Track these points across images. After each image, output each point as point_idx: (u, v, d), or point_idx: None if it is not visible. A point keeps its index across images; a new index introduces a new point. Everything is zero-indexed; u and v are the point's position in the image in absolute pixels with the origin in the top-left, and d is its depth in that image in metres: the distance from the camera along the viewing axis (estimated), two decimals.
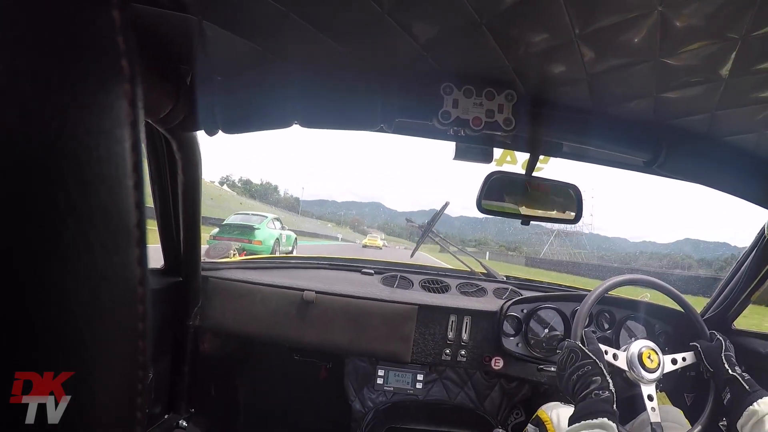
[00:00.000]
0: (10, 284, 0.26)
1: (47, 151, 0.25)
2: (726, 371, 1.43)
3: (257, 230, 13.74)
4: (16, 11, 0.24)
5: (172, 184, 1.50)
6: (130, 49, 0.27)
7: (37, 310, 0.26)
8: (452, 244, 2.97)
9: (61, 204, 0.26)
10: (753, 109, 1.09)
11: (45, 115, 0.25)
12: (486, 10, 0.87)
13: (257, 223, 14.25)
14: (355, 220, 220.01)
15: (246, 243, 13.04)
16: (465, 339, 2.02)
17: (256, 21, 0.98)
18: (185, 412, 1.84)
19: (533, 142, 1.36)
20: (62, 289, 0.27)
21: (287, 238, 16.36)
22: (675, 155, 1.28)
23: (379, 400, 2.45)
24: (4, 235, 0.25)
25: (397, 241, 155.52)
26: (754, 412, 1.32)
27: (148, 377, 0.67)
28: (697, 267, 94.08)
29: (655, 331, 2.04)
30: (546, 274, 31.26)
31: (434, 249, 9.74)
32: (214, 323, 1.90)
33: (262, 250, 13.26)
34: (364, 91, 1.20)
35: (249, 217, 15.27)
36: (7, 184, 0.25)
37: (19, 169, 0.25)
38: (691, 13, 0.80)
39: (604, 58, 0.99)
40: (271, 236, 14.31)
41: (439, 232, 2.89)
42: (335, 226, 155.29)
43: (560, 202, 1.50)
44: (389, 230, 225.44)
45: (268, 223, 14.74)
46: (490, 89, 1.16)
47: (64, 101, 0.26)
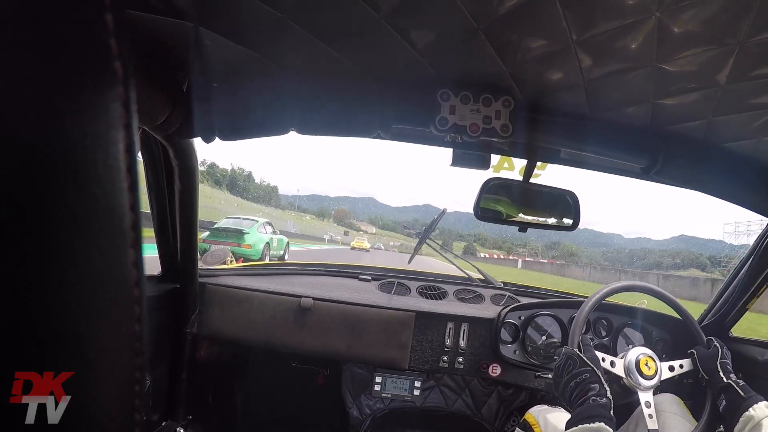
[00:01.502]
0: (9, 285, 0.25)
1: (41, 154, 0.25)
2: (721, 379, 1.43)
3: (246, 234, 13.90)
4: (9, 14, 0.24)
5: (169, 191, 1.50)
6: (123, 52, 0.27)
7: (35, 310, 0.26)
8: (449, 251, 2.96)
9: (57, 206, 0.26)
10: (751, 115, 1.09)
11: (39, 118, 0.25)
12: (483, 16, 0.87)
13: (248, 227, 14.43)
14: (341, 212, 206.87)
15: (235, 246, 13.09)
16: (462, 346, 2.01)
17: (253, 28, 0.98)
18: (183, 419, 1.83)
19: (530, 148, 1.37)
20: (59, 290, 0.27)
21: (279, 242, 16.61)
22: (672, 162, 1.28)
23: (376, 406, 2.44)
24: (0, 236, 0.25)
25: (390, 236, 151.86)
26: (750, 418, 1.32)
27: (145, 379, 0.67)
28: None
29: (652, 338, 2.04)
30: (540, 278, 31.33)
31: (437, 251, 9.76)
32: (211, 330, 1.89)
33: (252, 254, 13.46)
34: (361, 98, 1.20)
35: (240, 221, 15.51)
36: (3, 186, 0.25)
37: (13, 172, 0.25)
38: (689, 19, 0.81)
39: (601, 64, 0.99)
40: (261, 240, 14.53)
41: (435, 229, 2.89)
42: (313, 218, 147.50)
43: (558, 209, 1.51)
44: (381, 224, 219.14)
45: (258, 227, 14.94)
46: (487, 95, 1.16)
47: (57, 104, 0.26)
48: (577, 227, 1.49)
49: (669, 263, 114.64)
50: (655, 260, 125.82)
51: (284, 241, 17.43)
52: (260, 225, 15.19)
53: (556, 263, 72.35)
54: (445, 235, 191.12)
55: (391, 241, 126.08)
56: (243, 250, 13.20)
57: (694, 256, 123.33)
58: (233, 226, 14.56)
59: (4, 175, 0.25)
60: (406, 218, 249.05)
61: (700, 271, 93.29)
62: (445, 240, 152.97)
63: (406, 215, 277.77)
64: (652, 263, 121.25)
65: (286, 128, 1.21)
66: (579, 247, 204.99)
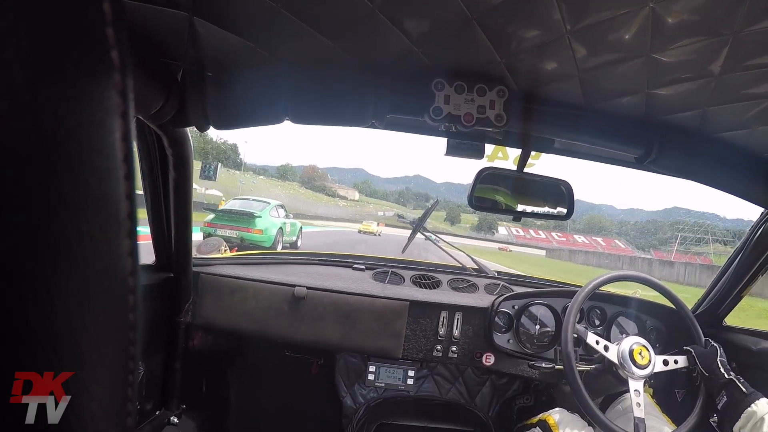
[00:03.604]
0: (2, 278, 0.25)
1: (37, 142, 0.25)
2: (722, 375, 1.46)
3: (258, 218, 12.29)
4: (6, 2, 0.24)
5: (163, 179, 1.49)
6: (120, 41, 0.27)
7: (29, 303, 0.26)
8: (443, 240, 2.97)
9: (52, 195, 0.26)
10: (745, 105, 1.10)
11: (35, 106, 0.25)
12: (477, 5, 0.87)
13: (258, 210, 12.77)
14: (310, 172, 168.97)
15: (245, 232, 11.92)
16: (456, 335, 2.02)
17: (247, 17, 0.98)
18: (177, 409, 1.83)
19: (525, 138, 1.37)
20: (52, 281, 0.27)
21: (291, 227, 14.75)
22: (667, 151, 1.29)
23: (370, 396, 2.46)
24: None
25: (379, 204, 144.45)
26: (753, 413, 1.34)
27: (138, 369, 0.67)
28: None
29: (646, 327, 2.06)
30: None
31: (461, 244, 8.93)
32: (205, 319, 1.89)
33: (263, 240, 12.16)
34: (355, 88, 1.20)
35: (249, 202, 13.83)
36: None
37: (8, 160, 0.25)
38: (683, 9, 0.81)
39: (595, 54, 0.99)
40: (274, 225, 12.88)
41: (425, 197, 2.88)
42: (271, 180, 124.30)
43: (552, 198, 1.52)
44: (369, 191, 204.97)
45: (270, 210, 13.23)
46: (481, 85, 1.16)
47: (54, 92, 0.26)
48: (571, 216, 1.50)
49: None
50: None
51: (297, 226, 15.49)
52: (272, 208, 13.47)
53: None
54: (450, 207, 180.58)
55: (380, 210, 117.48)
56: (253, 236, 11.95)
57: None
58: (242, 208, 12.94)
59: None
60: (397, 189, 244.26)
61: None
62: (455, 214, 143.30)
63: (397, 186, 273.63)
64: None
65: (280, 117, 1.21)
66: (607, 219, 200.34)
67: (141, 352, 0.33)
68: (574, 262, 48.42)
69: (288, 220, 14.58)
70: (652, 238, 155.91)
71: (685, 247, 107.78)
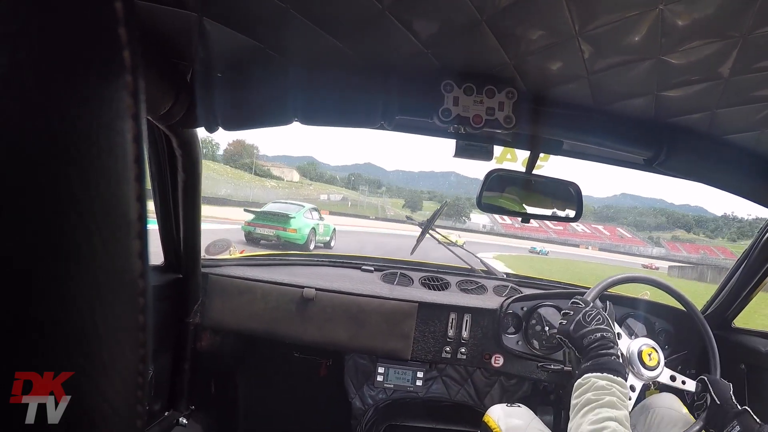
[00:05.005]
0: (10, 279, 0.25)
1: (49, 144, 0.25)
2: (735, 405, 1.44)
3: (293, 219, 14.44)
4: (18, 3, 0.24)
5: (172, 180, 1.49)
6: (132, 41, 0.27)
7: (37, 305, 0.26)
8: (451, 242, 2.96)
9: (63, 196, 0.26)
10: (754, 107, 1.09)
11: (46, 107, 0.25)
12: (487, 7, 0.86)
13: (294, 212, 15.00)
14: (238, 147, 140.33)
15: (281, 231, 14.03)
16: (465, 337, 2.02)
17: (257, 17, 0.98)
18: (185, 409, 1.84)
19: (533, 139, 1.36)
20: (63, 283, 0.27)
21: (325, 228, 17.02)
22: (675, 153, 1.29)
23: (379, 397, 2.46)
24: (4, 228, 0.25)
25: (326, 188, 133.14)
26: None
27: (149, 371, 0.67)
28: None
29: (655, 329, 2.04)
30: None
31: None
32: (214, 320, 1.90)
33: (297, 238, 14.27)
34: (364, 89, 1.20)
35: (287, 206, 16.25)
36: (8, 177, 0.25)
37: (20, 162, 0.25)
38: (693, 11, 0.80)
39: (604, 55, 0.98)
40: (307, 225, 15.05)
41: (375, 183, 2.84)
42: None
43: (560, 199, 1.51)
44: (315, 175, 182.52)
45: (305, 212, 15.49)
46: (490, 87, 1.16)
47: (65, 93, 0.26)
48: (579, 219, 1.50)
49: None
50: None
51: (330, 228, 17.81)
52: (306, 210, 15.78)
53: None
54: (399, 192, 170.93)
55: (323, 194, 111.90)
56: (288, 234, 14.12)
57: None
58: (279, 210, 15.15)
59: (11, 165, 0.25)
60: (346, 175, 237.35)
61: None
62: (460, 208, 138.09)
63: (347, 173, 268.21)
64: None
65: (290, 118, 1.21)
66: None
67: (150, 353, 0.33)
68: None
69: (322, 222, 16.96)
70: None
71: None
